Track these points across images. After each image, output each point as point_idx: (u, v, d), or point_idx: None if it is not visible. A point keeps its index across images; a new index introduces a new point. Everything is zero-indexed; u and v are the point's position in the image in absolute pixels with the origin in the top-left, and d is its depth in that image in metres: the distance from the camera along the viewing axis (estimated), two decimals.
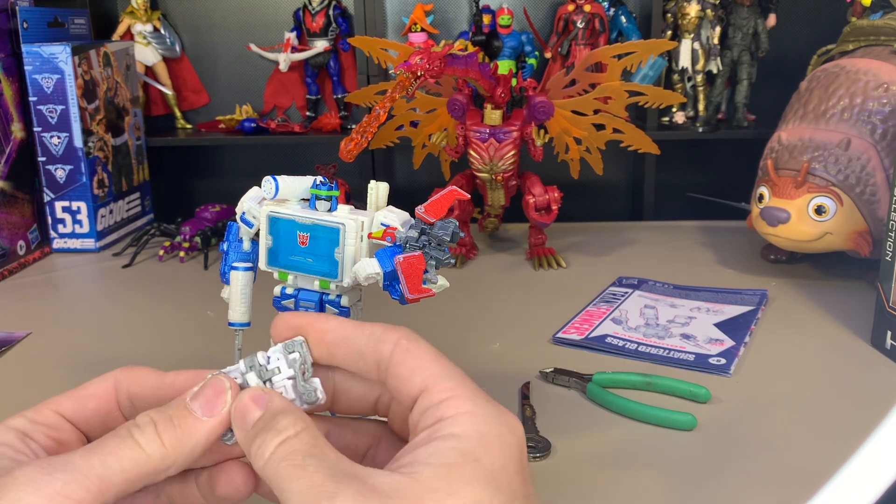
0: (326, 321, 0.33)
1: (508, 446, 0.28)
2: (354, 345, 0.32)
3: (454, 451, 0.27)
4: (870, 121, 0.77)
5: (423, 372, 0.30)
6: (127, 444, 0.29)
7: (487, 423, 0.28)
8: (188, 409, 0.30)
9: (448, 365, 0.31)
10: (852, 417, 0.56)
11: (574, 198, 1.07)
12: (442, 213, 0.42)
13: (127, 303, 0.84)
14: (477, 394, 0.29)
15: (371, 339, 0.31)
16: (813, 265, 0.89)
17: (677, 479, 0.49)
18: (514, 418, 0.29)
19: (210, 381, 0.31)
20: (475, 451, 0.27)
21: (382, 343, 0.31)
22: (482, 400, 0.29)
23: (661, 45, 0.85)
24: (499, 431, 0.28)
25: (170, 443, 0.29)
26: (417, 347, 0.31)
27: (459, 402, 0.29)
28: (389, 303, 0.45)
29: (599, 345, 0.68)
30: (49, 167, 0.99)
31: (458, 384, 0.30)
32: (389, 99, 0.68)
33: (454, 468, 0.26)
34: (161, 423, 0.30)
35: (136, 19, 1.24)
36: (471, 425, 0.28)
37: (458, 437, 0.27)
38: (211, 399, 0.31)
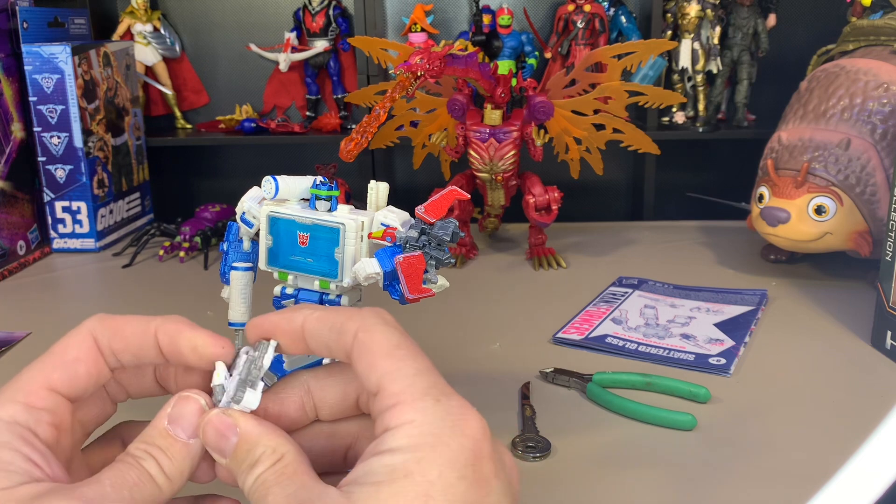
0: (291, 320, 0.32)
1: (453, 452, 0.27)
2: (320, 339, 0.31)
3: (385, 468, 0.27)
4: (870, 121, 0.77)
5: (376, 371, 0.29)
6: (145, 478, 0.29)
7: (426, 432, 0.27)
8: (173, 436, 0.30)
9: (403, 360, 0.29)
10: (852, 417, 0.56)
11: (574, 198, 1.07)
12: (442, 213, 0.42)
13: (127, 303, 0.84)
14: (425, 395, 0.28)
15: (333, 331, 0.31)
16: (813, 265, 0.89)
17: (677, 479, 0.49)
18: (467, 418, 0.28)
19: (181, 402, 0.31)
20: (406, 465, 0.26)
21: (343, 335, 0.30)
22: (430, 402, 0.28)
23: (661, 45, 0.85)
24: (440, 438, 0.27)
25: (171, 474, 0.30)
26: (372, 340, 0.30)
27: (402, 409, 0.28)
28: (389, 303, 0.45)
29: (599, 345, 0.68)
30: (49, 167, 0.99)
31: (406, 386, 0.28)
32: (389, 99, 0.68)
33: (383, 486, 0.26)
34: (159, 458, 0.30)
35: (136, 19, 1.24)
36: (407, 438, 0.27)
37: (393, 451, 0.27)
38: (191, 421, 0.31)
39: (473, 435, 0.27)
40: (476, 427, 0.28)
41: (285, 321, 0.32)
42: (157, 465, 0.30)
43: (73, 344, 0.32)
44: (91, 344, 0.32)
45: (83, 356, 0.31)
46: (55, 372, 0.31)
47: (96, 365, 0.32)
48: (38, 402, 0.30)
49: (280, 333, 0.32)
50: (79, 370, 0.31)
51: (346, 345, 0.30)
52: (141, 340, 0.32)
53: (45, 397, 0.30)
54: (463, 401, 0.29)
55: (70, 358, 0.31)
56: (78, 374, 0.31)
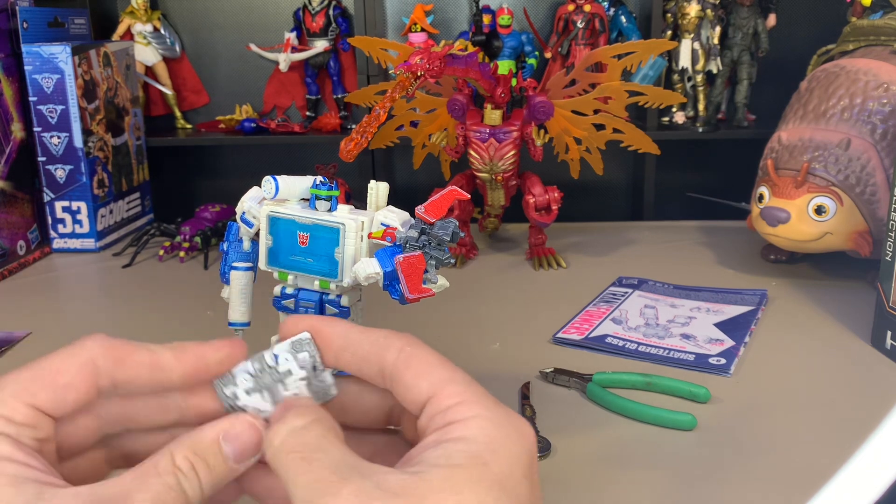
0: (333, 325, 0.32)
1: (518, 451, 0.28)
2: (359, 351, 0.32)
3: (463, 453, 0.27)
4: (870, 121, 0.77)
5: (430, 377, 0.30)
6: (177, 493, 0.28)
7: (498, 427, 0.28)
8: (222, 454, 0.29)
9: (454, 369, 0.30)
10: (852, 417, 0.56)
11: (574, 198, 1.07)
12: (442, 213, 0.42)
13: (127, 303, 0.84)
14: (486, 397, 0.29)
15: (375, 345, 0.31)
16: (813, 265, 0.89)
17: (677, 479, 0.49)
18: (525, 423, 0.29)
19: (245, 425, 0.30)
20: (484, 454, 0.27)
21: (386, 350, 0.31)
22: (492, 404, 0.29)
23: (661, 45, 0.85)
24: (509, 436, 0.28)
25: (207, 487, 0.29)
26: (422, 353, 0.31)
27: (469, 406, 0.29)
28: (389, 303, 0.45)
29: (599, 345, 0.68)
30: (49, 167, 0.99)
31: (466, 388, 0.29)
32: (389, 99, 0.68)
33: (461, 470, 0.26)
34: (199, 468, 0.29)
35: (136, 19, 1.24)
36: (481, 429, 0.28)
37: (468, 440, 0.27)
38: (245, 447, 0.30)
39: (531, 439, 0.29)
40: (532, 435, 0.29)
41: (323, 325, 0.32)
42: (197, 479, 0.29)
43: (69, 367, 0.29)
44: (88, 372, 0.30)
45: (76, 384, 0.29)
46: (40, 391, 0.29)
47: (87, 394, 0.30)
48: (17, 417, 0.28)
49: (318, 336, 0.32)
50: (68, 396, 0.29)
51: (386, 359, 0.31)
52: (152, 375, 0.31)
53: (26, 413, 0.28)
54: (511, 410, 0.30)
55: (62, 382, 0.29)
56: (66, 399, 0.29)
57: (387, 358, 0.31)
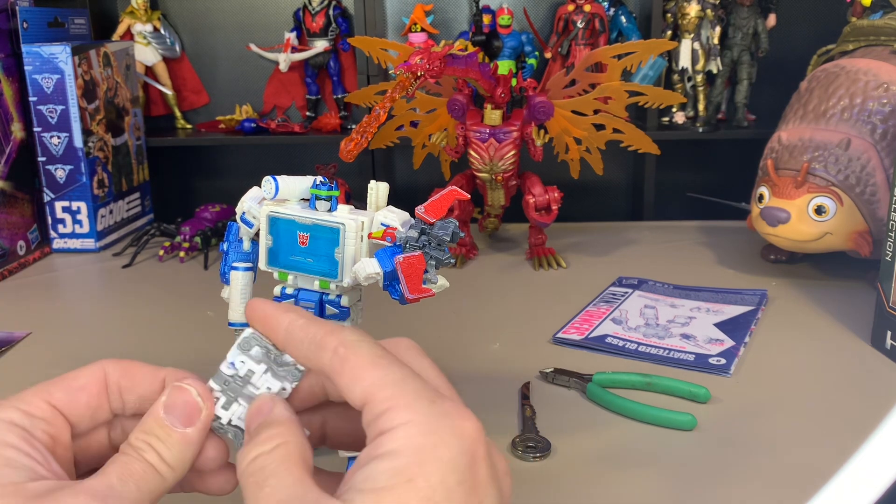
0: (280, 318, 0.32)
1: (450, 455, 0.26)
2: (298, 352, 0.31)
3: (387, 473, 0.26)
4: (870, 121, 0.77)
5: (363, 382, 0.29)
6: (148, 469, 0.30)
7: (426, 433, 0.27)
8: (168, 425, 0.31)
9: (389, 367, 0.29)
10: (852, 417, 0.56)
11: (574, 198, 1.07)
12: (442, 213, 0.42)
13: (127, 303, 0.84)
14: (419, 398, 0.28)
15: (312, 344, 0.31)
16: (813, 265, 0.89)
17: (677, 479, 0.49)
18: (464, 419, 0.28)
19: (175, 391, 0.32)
20: (409, 469, 0.26)
21: (321, 350, 0.30)
22: (424, 404, 0.27)
23: (661, 45, 0.85)
24: (438, 441, 0.27)
25: (172, 462, 0.31)
26: (355, 355, 0.29)
27: (398, 412, 0.27)
28: (389, 303, 0.45)
29: (599, 345, 0.68)
30: (49, 167, 0.99)
31: (397, 391, 0.28)
32: (389, 99, 0.68)
33: (386, 493, 0.26)
34: (158, 447, 0.31)
35: (136, 19, 1.24)
36: (407, 439, 0.27)
37: (393, 454, 0.26)
38: (185, 410, 0.32)
39: (471, 436, 0.27)
40: (473, 428, 0.27)
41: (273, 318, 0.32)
42: (158, 456, 0.30)
43: (84, 374, 0.33)
44: (100, 378, 0.33)
45: (89, 387, 0.32)
46: (57, 391, 0.32)
47: (98, 398, 0.32)
48: (35, 411, 0.31)
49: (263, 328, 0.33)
50: (80, 397, 0.32)
51: (323, 360, 0.30)
52: (150, 384, 0.33)
53: (43, 408, 0.31)
54: (457, 401, 0.29)
55: (76, 384, 0.32)
56: (79, 400, 0.32)
57: (322, 360, 0.30)
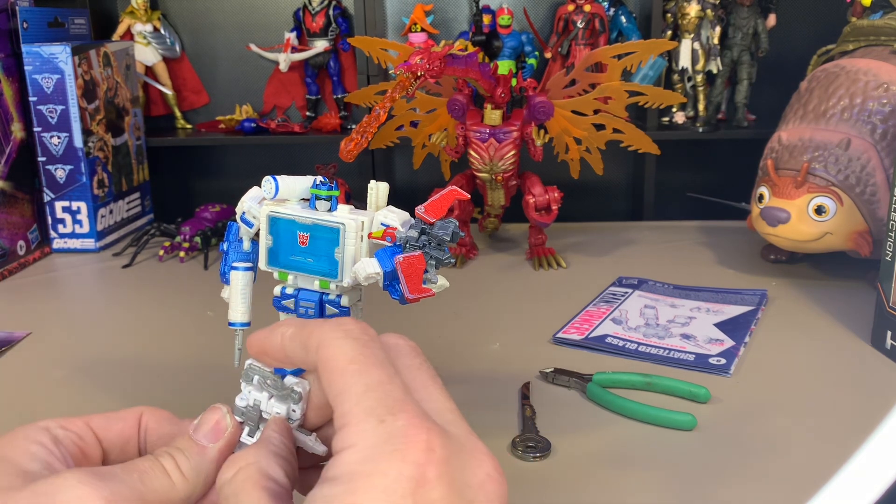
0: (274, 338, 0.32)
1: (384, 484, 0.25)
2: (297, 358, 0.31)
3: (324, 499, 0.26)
4: (870, 121, 0.77)
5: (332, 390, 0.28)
6: (157, 469, 0.31)
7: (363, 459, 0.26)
8: (194, 440, 0.32)
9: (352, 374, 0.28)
10: (852, 417, 0.56)
11: (574, 198, 1.07)
12: (442, 213, 0.42)
13: (127, 303, 0.84)
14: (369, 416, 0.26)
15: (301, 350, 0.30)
16: (813, 265, 0.89)
17: (677, 479, 0.49)
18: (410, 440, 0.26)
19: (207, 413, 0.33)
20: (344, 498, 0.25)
21: (308, 353, 0.30)
22: (372, 424, 0.26)
23: (661, 45, 0.85)
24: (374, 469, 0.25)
25: (188, 472, 0.31)
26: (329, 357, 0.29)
27: (346, 433, 0.27)
28: (389, 303, 0.45)
29: (599, 345, 0.68)
30: (49, 167, 0.99)
31: (352, 406, 0.27)
32: (389, 99, 0.68)
33: None
34: (176, 456, 0.32)
35: (136, 19, 1.24)
36: (345, 466, 0.26)
37: (334, 480, 0.26)
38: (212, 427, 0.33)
39: (416, 460, 0.25)
40: (419, 451, 0.25)
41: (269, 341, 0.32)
42: (173, 461, 0.31)
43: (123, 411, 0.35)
44: (136, 416, 0.35)
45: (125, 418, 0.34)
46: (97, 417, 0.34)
47: (130, 431, 0.34)
48: (70, 426, 0.32)
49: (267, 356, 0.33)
50: (115, 425, 0.34)
51: (312, 363, 0.30)
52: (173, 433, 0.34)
53: (79, 425, 0.33)
54: (413, 418, 0.27)
55: (115, 416, 0.34)
56: (113, 427, 0.34)
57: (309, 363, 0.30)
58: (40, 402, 0.61)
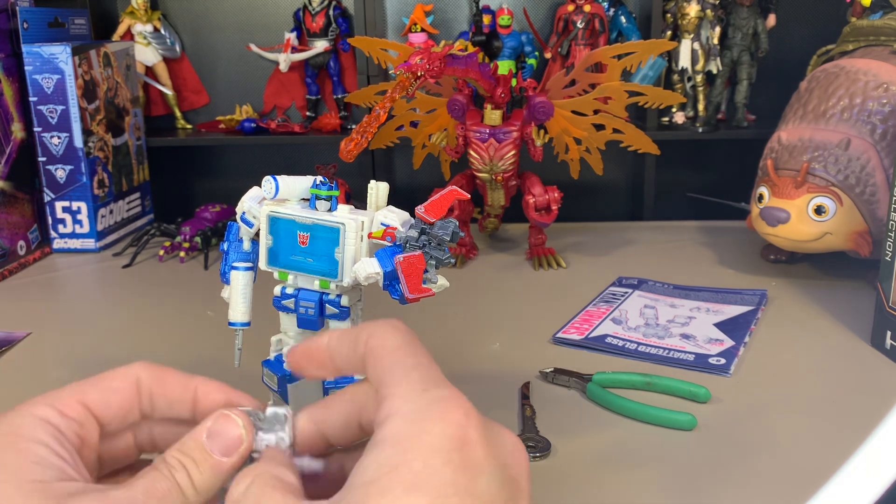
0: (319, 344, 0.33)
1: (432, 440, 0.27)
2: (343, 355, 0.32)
3: (373, 465, 0.27)
4: (870, 121, 0.77)
5: (379, 370, 0.30)
6: (175, 490, 0.30)
7: (411, 420, 0.27)
8: (207, 451, 0.31)
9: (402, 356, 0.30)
10: (852, 417, 0.56)
11: (574, 198, 1.07)
12: (442, 213, 0.42)
13: (127, 303, 0.84)
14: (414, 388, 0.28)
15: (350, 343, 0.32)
16: (813, 265, 0.89)
17: (677, 479, 0.49)
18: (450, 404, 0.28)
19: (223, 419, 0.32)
20: (393, 458, 0.26)
21: (357, 345, 0.31)
22: (417, 392, 0.28)
23: (660, 46, 0.85)
24: (424, 427, 0.27)
25: (201, 486, 0.31)
26: (379, 345, 0.31)
27: (391, 402, 0.28)
28: (389, 303, 0.45)
29: (599, 345, 0.68)
30: (49, 167, 0.99)
31: (399, 379, 0.29)
32: (389, 99, 0.68)
33: (371, 485, 0.26)
34: (191, 470, 0.31)
35: (137, 19, 1.24)
36: (393, 428, 0.27)
37: (381, 444, 0.27)
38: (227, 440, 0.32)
39: (457, 421, 0.27)
40: (459, 412, 0.28)
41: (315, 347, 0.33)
42: (188, 478, 0.31)
43: (117, 376, 0.33)
44: (133, 382, 0.33)
45: (122, 388, 0.33)
46: (91, 391, 0.32)
47: (129, 401, 0.33)
48: (69, 412, 0.31)
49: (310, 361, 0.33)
50: (112, 399, 0.32)
51: (360, 354, 0.31)
52: (180, 392, 0.33)
53: (77, 409, 0.31)
54: (453, 390, 0.29)
55: (110, 386, 0.33)
56: (111, 401, 0.32)
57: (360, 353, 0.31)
58: None
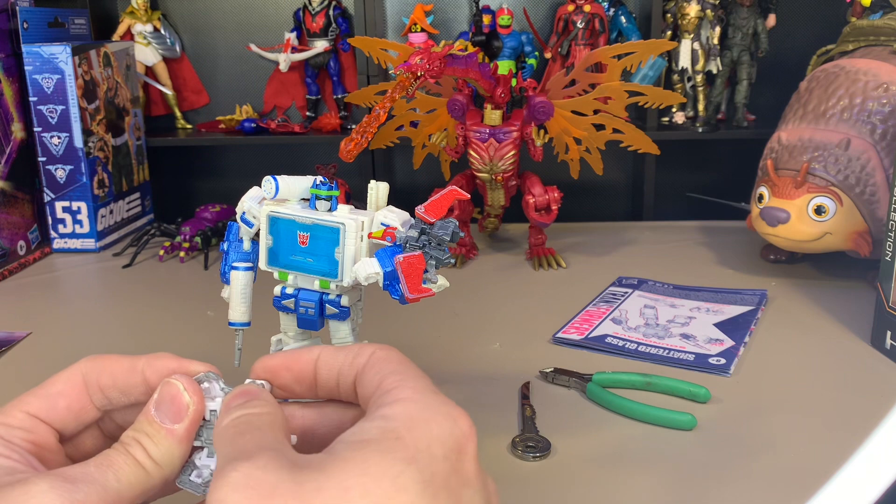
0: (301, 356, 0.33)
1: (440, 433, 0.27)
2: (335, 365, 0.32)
3: (377, 428, 0.27)
4: (869, 121, 0.77)
5: (382, 371, 0.30)
6: (130, 462, 0.30)
7: (423, 409, 0.28)
8: (157, 422, 0.31)
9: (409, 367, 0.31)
10: (852, 417, 0.56)
11: (574, 198, 1.07)
12: (442, 213, 0.42)
13: (127, 303, 0.84)
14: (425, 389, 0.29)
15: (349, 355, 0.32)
16: (813, 265, 0.89)
17: (677, 479, 0.49)
18: (461, 414, 0.28)
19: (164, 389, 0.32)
20: (399, 429, 0.27)
21: (359, 357, 0.32)
22: (428, 393, 0.29)
23: (660, 46, 0.85)
24: (433, 418, 0.28)
25: (159, 458, 0.31)
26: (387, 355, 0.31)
27: (400, 391, 0.29)
28: (389, 303, 0.45)
29: (599, 345, 0.68)
30: (49, 167, 0.99)
31: (408, 377, 0.29)
32: (389, 99, 0.68)
33: (371, 443, 0.26)
34: (144, 443, 0.31)
35: (136, 19, 1.24)
36: (403, 409, 0.28)
37: (386, 417, 0.27)
38: (173, 407, 0.32)
39: (464, 431, 0.28)
40: (467, 425, 0.28)
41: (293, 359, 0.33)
42: (144, 451, 0.30)
43: (60, 380, 0.33)
44: (78, 380, 0.33)
45: (67, 391, 0.32)
46: (34, 400, 0.32)
47: (78, 401, 0.33)
48: (12, 422, 0.31)
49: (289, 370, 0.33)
50: (59, 403, 0.32)
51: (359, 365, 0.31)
52: (128, 377, 0.33)
53: (21, 418, 0.31)
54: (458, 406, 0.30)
55: (53, 391, 0.32)
56: (57, 406, 0.32)
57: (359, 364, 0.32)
58: None
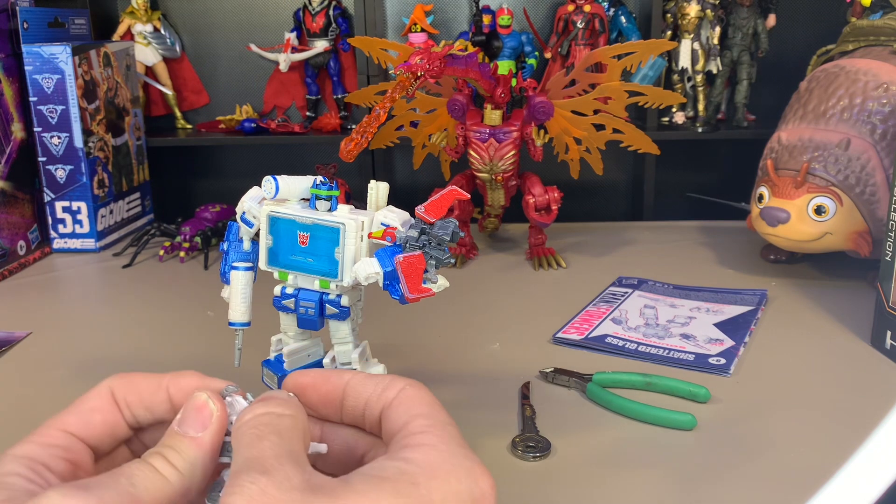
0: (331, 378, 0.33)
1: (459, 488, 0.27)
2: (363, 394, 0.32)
3: (395, 469, 0.27)
4: (869, 121, 0.77)
5: (411, 411, 0.30)
6: (146, 469, 0.30)
7: (446, 460, 0.28)
8: (181, 434, 0.31)
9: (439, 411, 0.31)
10: (852, 417, 0.56)
11: (574, 198, 1.07)
12: (442, 212, 0.42)
13: (127, 303, 0.84)
14: (452, 438, 0.29)
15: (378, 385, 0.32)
16: (813, 265, 0.89)
17: (677, 479, 0.49)
18: (483, 472, 0.28)
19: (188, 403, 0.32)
20: (417, 475, 0.27)
21: (388, 390, 0.32)
22: (454, 444, 0.29)
23: (660, 46, 0.85)
24: (454, 472, 0.27)
25: (181, 466, 0.30)
26: (417, 393, 0.31)
27: (427, 436, 0.29)
28: (389, 303, 0.45)
29: (599, 345, 0.68)
30: (49, 167, 0.99)
31: (436, 424, 0.29)
32: (389, 99, 0.68)
33: (387, 482, 0.26)
34: (166, 453, 0.31)
35: (137, 19, 1.24)
36: (425, 454, 0.28)
37: (407, 460, 0.27)
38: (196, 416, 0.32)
39: (483, 491, 0.28)
40: (488, 485, 0.28)
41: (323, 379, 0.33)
42: (163, 459, 0.30)
43: (92, 396, 0.34)
44: (108, 397, 0.33)
45: (99, 406, 0.33)
46: (70, 417, 0.32)
47: (112, 415, 0.33)
48: (50, 440, 0.31)
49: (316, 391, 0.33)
50: (93, 418, 0.33)
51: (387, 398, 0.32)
52: (153, 395, 0.34)
53: (58, 436, 0.31)
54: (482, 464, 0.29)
55: (86, 407, 0.33)
56: (92, 421, 0.33)
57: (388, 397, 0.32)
58: (40, 402, 0.61)
